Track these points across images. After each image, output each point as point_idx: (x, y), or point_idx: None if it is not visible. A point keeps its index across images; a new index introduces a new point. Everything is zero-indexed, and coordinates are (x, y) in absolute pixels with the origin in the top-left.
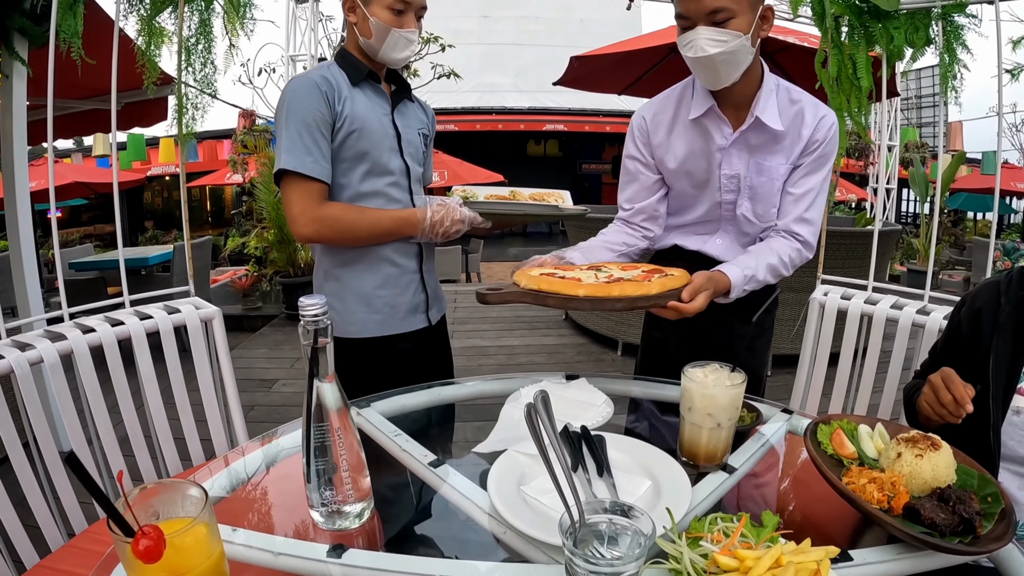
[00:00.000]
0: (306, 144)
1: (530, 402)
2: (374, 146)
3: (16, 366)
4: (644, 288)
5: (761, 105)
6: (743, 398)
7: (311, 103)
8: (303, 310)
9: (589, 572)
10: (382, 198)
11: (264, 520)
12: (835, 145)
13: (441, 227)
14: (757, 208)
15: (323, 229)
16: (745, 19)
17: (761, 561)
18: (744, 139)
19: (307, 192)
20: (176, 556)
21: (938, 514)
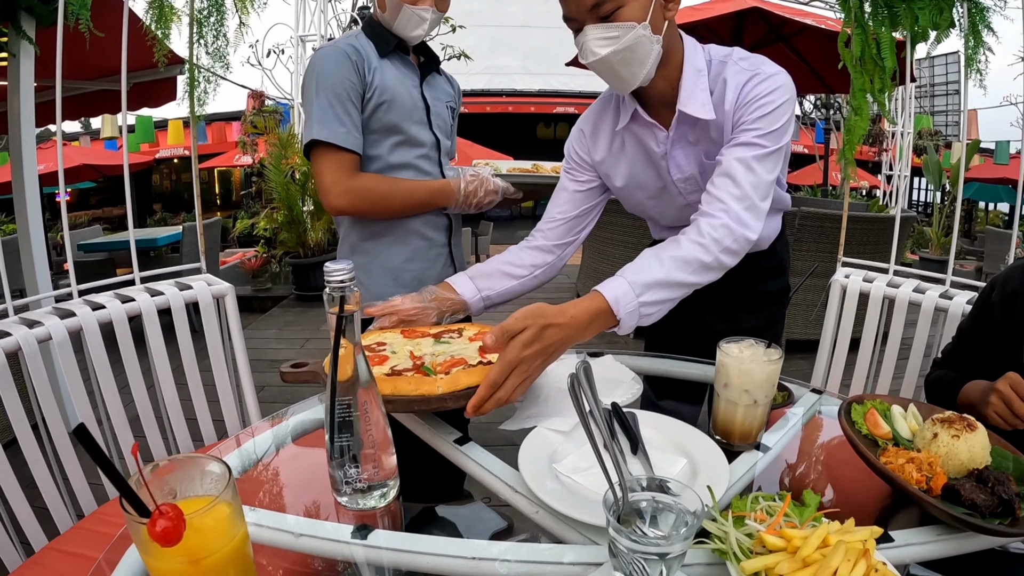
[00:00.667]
0: (338, 114)
1: (572, 372)
2: (404, 118)
3: (24, 343)
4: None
5: (684, 95)
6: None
7: (341, 73)
8: (328, 276)
9: (635, 552)
10: (412, 170)
11: (276, 501)
12: (771, 106)
13: (475, 197)
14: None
15: (357, 200)
16: (638, 5)
17: (809, 540)
18: (681, 138)
19: (340, 163)
20: (196, 538)
21: (978, 495)
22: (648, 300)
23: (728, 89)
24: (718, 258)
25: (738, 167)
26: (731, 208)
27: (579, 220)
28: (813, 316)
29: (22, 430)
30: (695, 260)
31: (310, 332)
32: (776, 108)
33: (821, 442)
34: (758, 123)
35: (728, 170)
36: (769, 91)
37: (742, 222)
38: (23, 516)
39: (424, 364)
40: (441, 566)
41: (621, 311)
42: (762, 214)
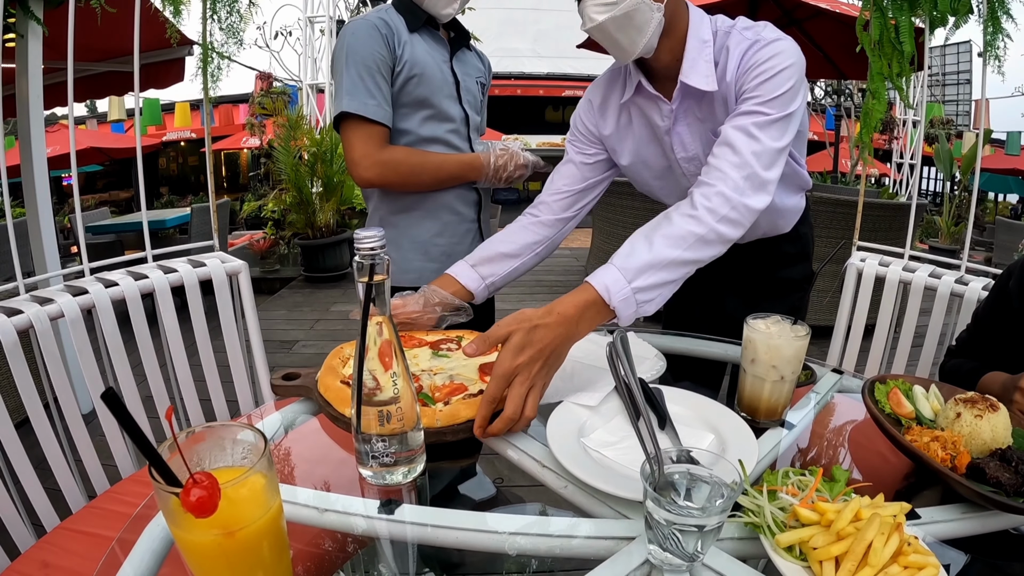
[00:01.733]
0: (368, 87)
1: (611, 342)
2: (434, 92)
3: (36, 321)
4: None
5: (687, 66)
6: None
7: (371, 45)
8: (359, 243)
9: (672, 524)
10: (442, 144)
11: (288, 479)
12: (771, 72)
13: (504, 171)
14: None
15: (386, 172)
16: None
17: (842, 514)
18: (687, 113)
19: (369, 135)
20: (230, 509)
21: (1003, 473)
22: (642, 285)
23: (730, 59)
24: (715, 229)
25: (737, 135)
26: (728, 176)
27: (583, 195)
28: (827, 301)
29: (34, 409)
30: (689, 235)
31: (319, 313)
32: (777, 73)
33: (841, 421)
34: (759, 89)
35: (727, 139)
36: (769, 56)
37: (740, 190)
38: (35, 496)
39: (423, 390)
40: (471, 541)
41: (613, 300)
42: (766, 183)
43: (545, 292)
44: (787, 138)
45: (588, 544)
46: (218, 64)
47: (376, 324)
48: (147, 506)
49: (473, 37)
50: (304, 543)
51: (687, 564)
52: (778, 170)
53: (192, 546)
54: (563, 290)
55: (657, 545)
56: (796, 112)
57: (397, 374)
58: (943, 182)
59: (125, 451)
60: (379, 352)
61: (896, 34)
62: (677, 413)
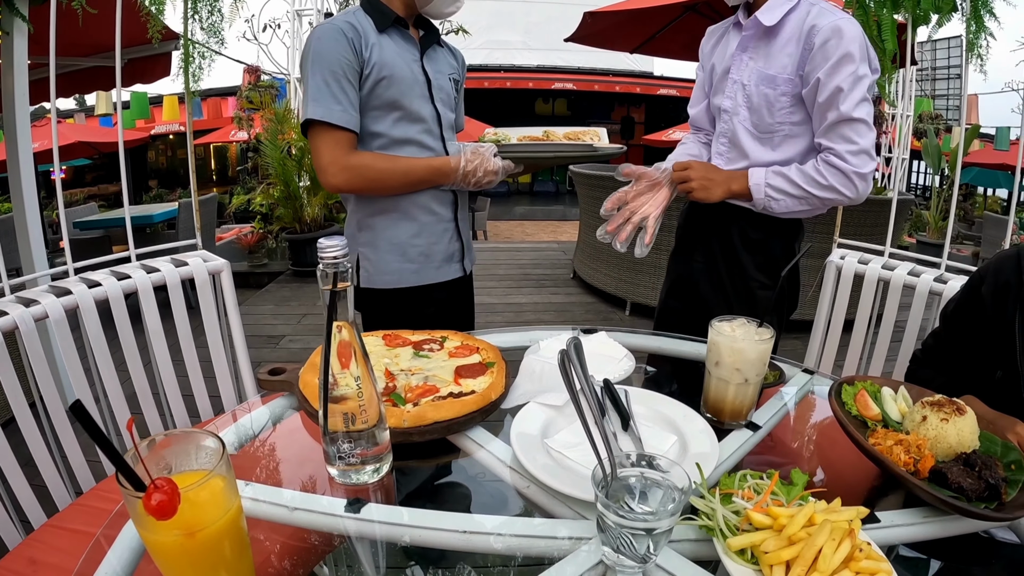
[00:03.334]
0: (333, 92)
1: (563, 349)
2: (404, 93)
3: (21, 322)
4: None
5: (767, 7)
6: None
7: (337, 50)
8: (322, 252)
9: (622, 527)
10: (415, 145)
11: (273, 476)
12: (845, 49)
13: (474, 176)
14: (755, 118)
15: (353, 178)
16: None
17: (795, 519)
18: (747, 43)
19: (336, 141)
20: (191, 511)
21: (965, 479)
22: (772, 183)
23: (807, 20)
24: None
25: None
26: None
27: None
28: (808, 297)
29: (20, 409)
30: (815, 183)
31: (307, 307)
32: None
33: (813, 422)
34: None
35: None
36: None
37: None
38: (22, 494)
39: (396, 391)
40: (434, 540)
41: (751, 181)
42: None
43: (532, 286)
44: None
45: (545, 544)
46: (199, 64)
47: (337, 327)
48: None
49: (462, 30)
50: (287, 536)
51: (640, 565)
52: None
53: (157, 546)
54: (550, 283)
55: (610, 547)
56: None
57: (359, 376)
58: (932, 176)
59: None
60: (337, 352)
61: (878, 32)
62: (641, 414)
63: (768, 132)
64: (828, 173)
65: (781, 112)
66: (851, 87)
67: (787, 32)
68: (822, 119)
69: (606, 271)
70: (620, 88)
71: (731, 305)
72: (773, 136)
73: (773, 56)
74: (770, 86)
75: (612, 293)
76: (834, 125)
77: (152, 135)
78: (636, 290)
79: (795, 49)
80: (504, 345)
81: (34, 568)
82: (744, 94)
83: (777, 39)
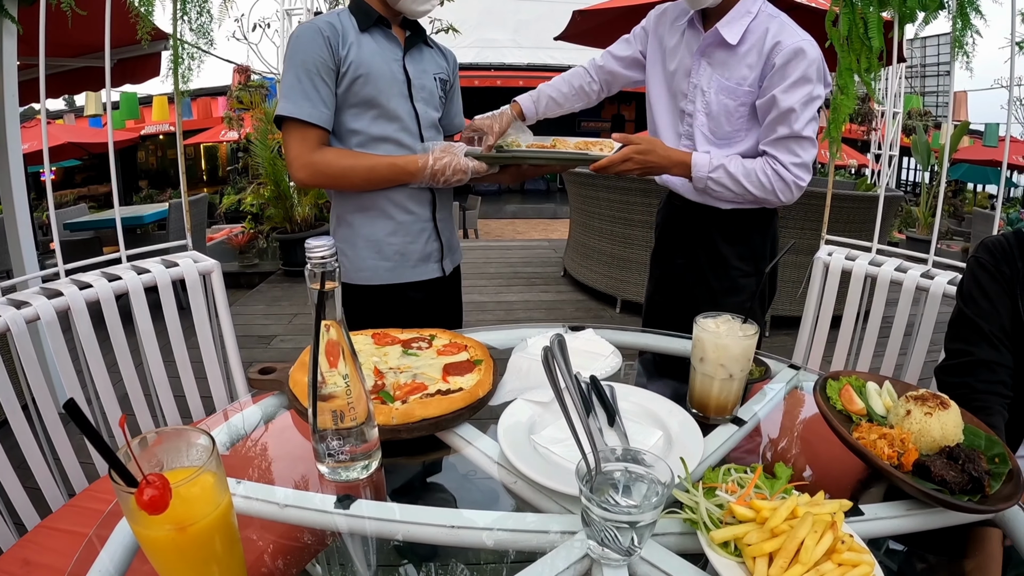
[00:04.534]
0: (305, 90)
1: (547, 345)
2: (381, 91)
3: (12, 324)
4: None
5: (727, 19)
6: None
7: (312, 49)
8: (309, 252)
9: (606, 520)
10: (392, 143)
11: (265, 474)
12: (803, 72)
13: (442, 175)
14: (712, 125)
15: (315, 174)
16: None
17: (777, 512)
18: (708, 51)
19: (303, 138)
20: (182, 506)
21: (948, 472)
22: (714, 177)
23: (768, 37)
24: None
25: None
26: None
27: (615, 80)
28: (799, 293)
29: (12, 410)
30: (752, 181)
31: (298, 307)
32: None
33: (800, 417)
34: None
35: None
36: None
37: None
38: (15, 495)
39: (385, 388)
40: (423, 535)
41: (695, 172)
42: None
43: (523, 284)
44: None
45: (533, 537)
46: (188, 66)
47: (325, 327)
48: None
49: (452, 29)
50: (279, 535)
51: (625, 558)
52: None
53: (150, 541)
54: (541, 281)
55: (595, 540)
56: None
57: (347, 374)
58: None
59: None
60: (325, 351)
61: (865, 29)
62: (627, 410)
63: (725, 139)
64: (773, 179)
65: (739, 121)
66: (803, 107)
67: (747, 43)
68: (772, 131)
69: (596, 269)
70: None
71: (715, 294)
72: (730, 141)
73: (732, 66)
74: (730, 96)
75: (602, 291)
76: (783, 139)
77: (142, 135)
78: (626, 287)
79: (755, 61)
80: (493, 343)
81: (28, 569)
82: (704, 100)
83: (737, 49)
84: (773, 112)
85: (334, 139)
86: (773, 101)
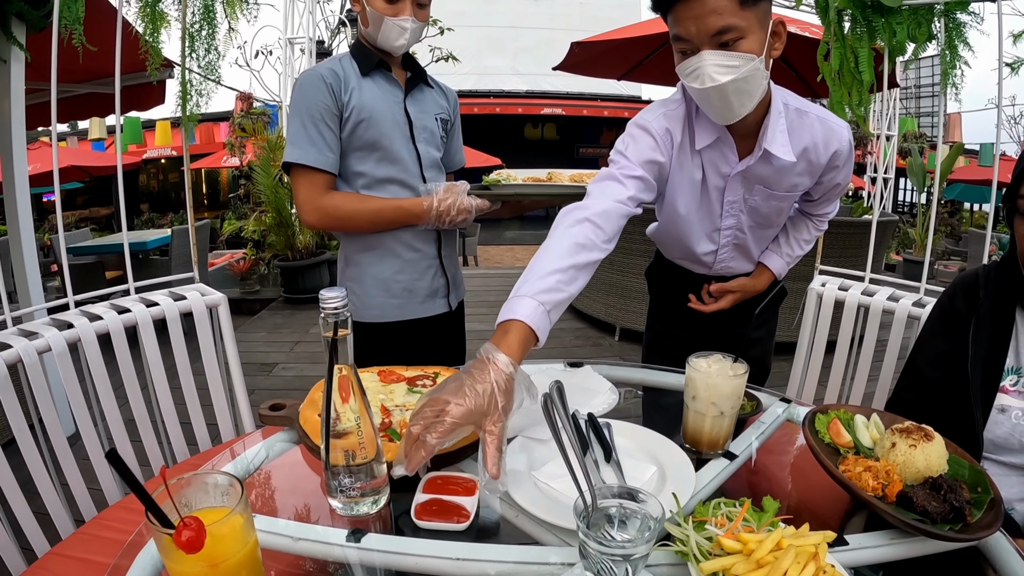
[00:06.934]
0: (310, 135)
1: (546, 392)
2: (383, 134)
3: (24, 355)
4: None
5: (770, 135)
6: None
7: (316, 96)
8: (324, 303)
9: (602, 554)
10: (396, 184)
11: (274, 507)
12: (850, 156)
13: (448, 216)
14: (760, 220)
15: (325, 218)
16: (756, 38)
17: (763, 544)
18: (749, 170)
19: (311, 182)
20: (214, 545)
21: (930, 502)
22: (791, 265)
23: (819, 143)
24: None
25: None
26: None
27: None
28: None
29: (23, 438)
30: (810, 243)
31: (299, 335)
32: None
33: (791, 449)
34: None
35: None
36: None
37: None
38: (25, 521)
39: (392, 426)
40: (429, 566)
41: (780, 277)
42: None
43: None
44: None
45: (534, 569)
46: (196, 102)
47: (338, 369)
48: (139, 533)
49: (452, 58)
50: (286, 564)
51: None
52: None
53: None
54: None
55: (592, 572)
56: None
57: (359, 414)
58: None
59: (110, 476)
60: (339, 387)
61: (856, 63)
62: (623, 446)
63: (771, 227)
64: (816, 231)
65: (787, 212)
66: (847, 179)
67: (796, 153)
68: (824, 203)
69: (596, 297)
70: (609, 112)
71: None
72: (771, 225)
73: (780, 179)
74: (781, 201)
75: (602, 319)
76: (826, 201)
77: (144, 159)
78: (625, 316)
79: (806, 169)
80: None
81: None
82: (748, 207)
83: (786, 166)
84: (821, 191)
85: (341, 182)
86: (838, 187)
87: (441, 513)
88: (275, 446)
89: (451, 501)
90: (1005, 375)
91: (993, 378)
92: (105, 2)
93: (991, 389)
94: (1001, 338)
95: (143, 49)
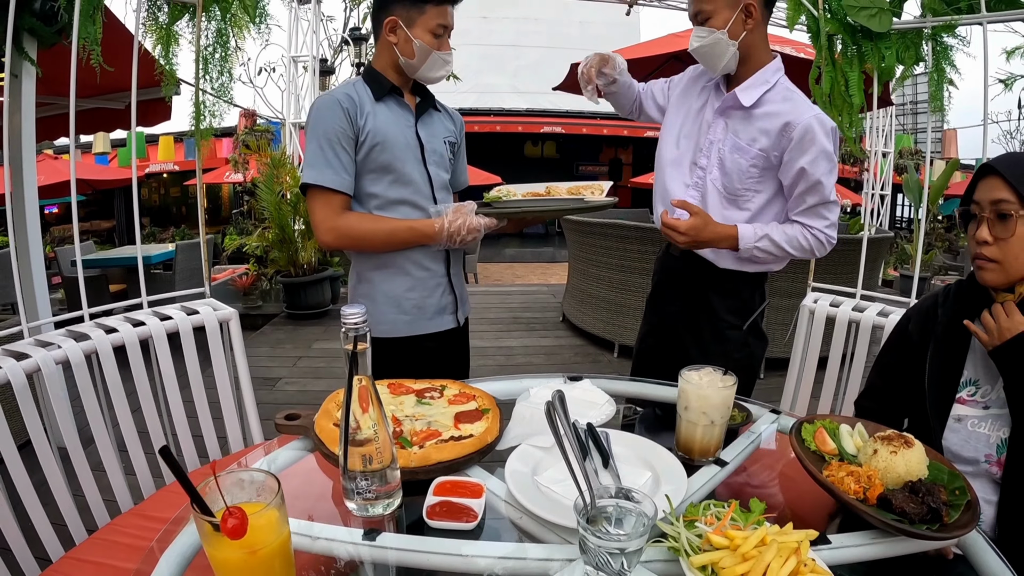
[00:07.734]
0: (327, 158)
1: (549, 400)
2: (396, 157)
3: (43, 365)
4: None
5: (746, 85)
6: (735, 399)
7: (333, 119)
8: (345, 318)
9: (600, 547)
10: (408, 205)
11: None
12: (822, 146)
13: (458, 236)
14: (725, 180)
15: (340, 238)
16: (721, 17)
17: (748, 540)
18: (727, 112)
19: (327, 203)
20: (253, 535)
21: (908, 504)
22: (760, 246)
23: (783, 115)
24: (805, 252)
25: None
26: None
27: (644, 108)
28: (786, 340)
29: (41, 446)
30: (795, 246)
31: (302, 351)
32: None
33: (776, 458)
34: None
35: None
36: (811, 137)
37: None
38: (40, 526)
39: (403, 435)
40: (439, 563)
41: (743, 244)
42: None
43: (523, 329)
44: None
45: (537, 564)
46: (210, 123)
47: (358, 380)
48: (159, 540)
49: (453, 76)
50: (301, 565)
51: None
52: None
53: (223, 562)
54: (540, 327)
55: (591, 565)
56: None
57: (375, 422)
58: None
59: (123, 483)
60: (358, 397)
61: (846, 87)
62: (620, 453)
63: (734, 195)
64: (812, 243)
65: (748, 180)
66: (827, 176)
67: (762, 109)
68: (802, 202)
69: (594, 314)
70: (608, 131)
71: (704, 343)
72: (738, 199)
73: (746, 128)
74: (742, 156)
75: (600, 336)
76: (814, 207)
77: (146, 173)
78: (623, 332)
79: (768, 128)
80: (498, 393)
81: None
82: (718, 156)
83: (751, 112)
84: (802, 184)
85: (355, 203)
86: (802, 173)
87: (450, 514)
88: (295, 454)
89: (460, 503)
90: (962, 387)
91: (949, 389)
92: (115, 20)
93: (947, 400)
94: (958, 351)
95: (158, 71)
